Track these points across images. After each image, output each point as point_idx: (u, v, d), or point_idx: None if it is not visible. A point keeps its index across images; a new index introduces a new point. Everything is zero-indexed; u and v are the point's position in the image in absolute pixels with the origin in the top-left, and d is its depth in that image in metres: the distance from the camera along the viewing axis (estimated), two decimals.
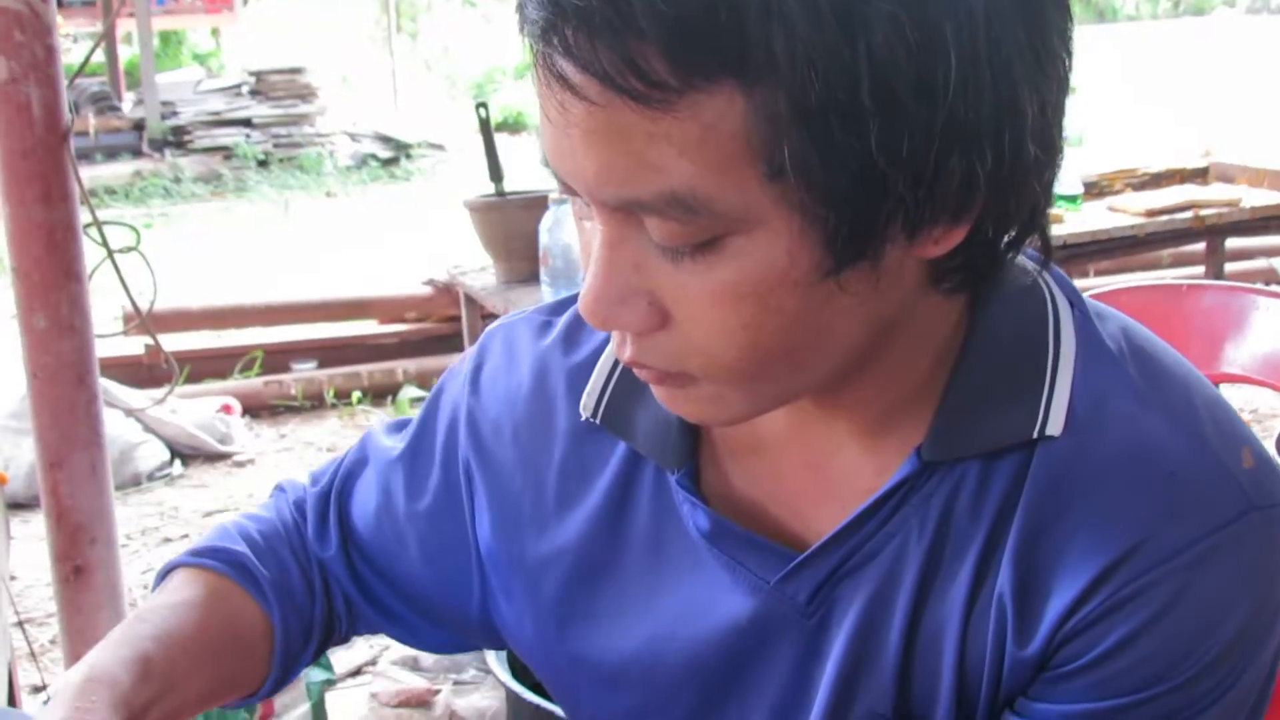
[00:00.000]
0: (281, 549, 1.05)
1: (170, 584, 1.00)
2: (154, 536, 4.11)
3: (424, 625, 1.07)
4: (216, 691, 0.99)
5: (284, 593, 1.02)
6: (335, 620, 1.07)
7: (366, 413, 5.28)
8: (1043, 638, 0.78)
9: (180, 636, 0.94)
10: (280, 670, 1.02)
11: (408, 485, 1.04)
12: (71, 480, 2.50)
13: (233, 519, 1.08)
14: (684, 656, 0.90)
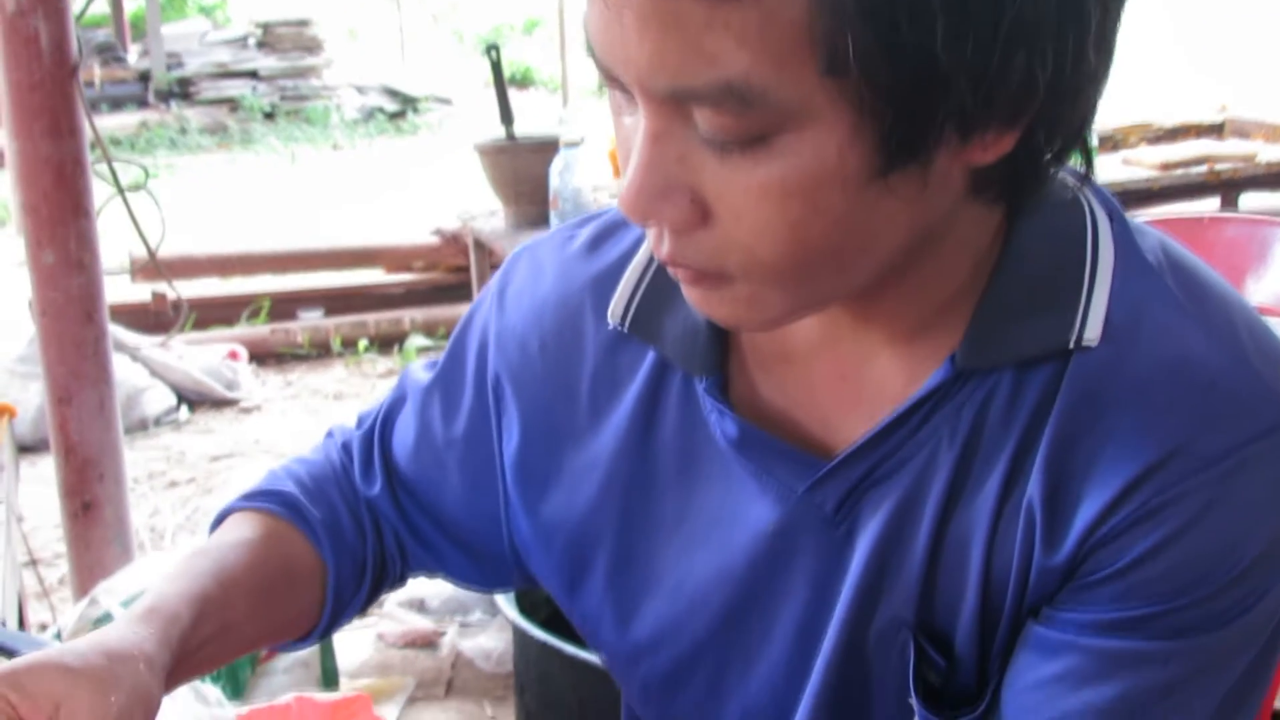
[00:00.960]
0: (331, 490, 1.05)
1: (226, 526, 1.01)
2: (161, 480, 4.11)
3: (468, 561, 1.06)
4: (269, 632, 1.00)
5: (335, 533, 1.02)
6: (388, 561, 1.07)
7: (373, 361, 5.27)
8: (1071, 546, 0.77)
9: (238, 576, 0.94)
10: (333, 612, 1.02)
11: (443, 412, 1.03)
12: (80, 417, 2.50)
13: (282, 464, 1.09)
14: (710, 566, 0.90)
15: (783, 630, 0.88)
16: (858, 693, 0.85)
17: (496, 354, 1.00)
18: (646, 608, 0.93)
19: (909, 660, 0.82)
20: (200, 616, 0.90)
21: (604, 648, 0.98)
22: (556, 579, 0.99)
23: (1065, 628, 0.78)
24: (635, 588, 0.94)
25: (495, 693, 2.82)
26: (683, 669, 0.93)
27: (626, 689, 1.01)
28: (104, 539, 2.55)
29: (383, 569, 1.07)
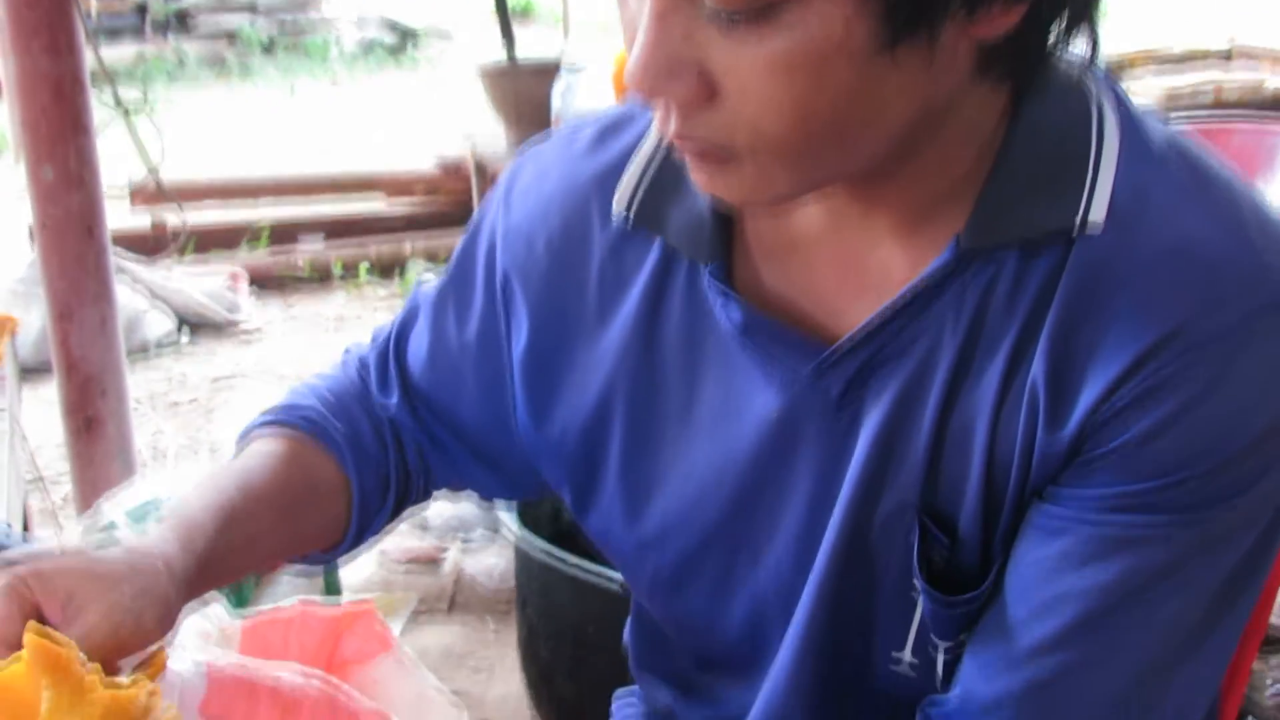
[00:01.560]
0: (352, 406, 1.06)
1: (250, 444, 1.03)
2: (162, 402, 4.12)
3: (488, 472, 1.07)
4: (294, 545, 1.02)
5: (357, 448, 1.04)
6: (411, 475, 1.08)
7: (374, 287, 5.27)
8: (1075, 425, 0.77)
9: (261, 489, 0.97)
10: (359, 526, 1.04)
11: (455, 317, 1.04)
12: (81, 333, 2.50)
13: (303, 381, 1.10)
14: (717, 456, 0.90)
15: (789, 518, 0.88)
16: (863, 577, 0.85)
17: (504, 253, 0.99)
18: (655, 501, 0.94)
19: (914, 543, 0.83)
20: (223, 527, 0.91)
21: (614, 545, 0.99)
22: (568, 480, 0.99)
23: (1068, 506, 0.78)
24: (644, 481, 0.94)
25: (498, 609, 2.84)
26: (692, 561, 0.93)
27: (636, 586, 1.01)
28: (107, 455, 2.56)
29: (406, 483, 1.08)
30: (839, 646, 0.88)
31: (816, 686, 0.89)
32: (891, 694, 0.88)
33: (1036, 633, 0.79)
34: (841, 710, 0.90)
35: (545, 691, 2.22)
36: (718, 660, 0.98)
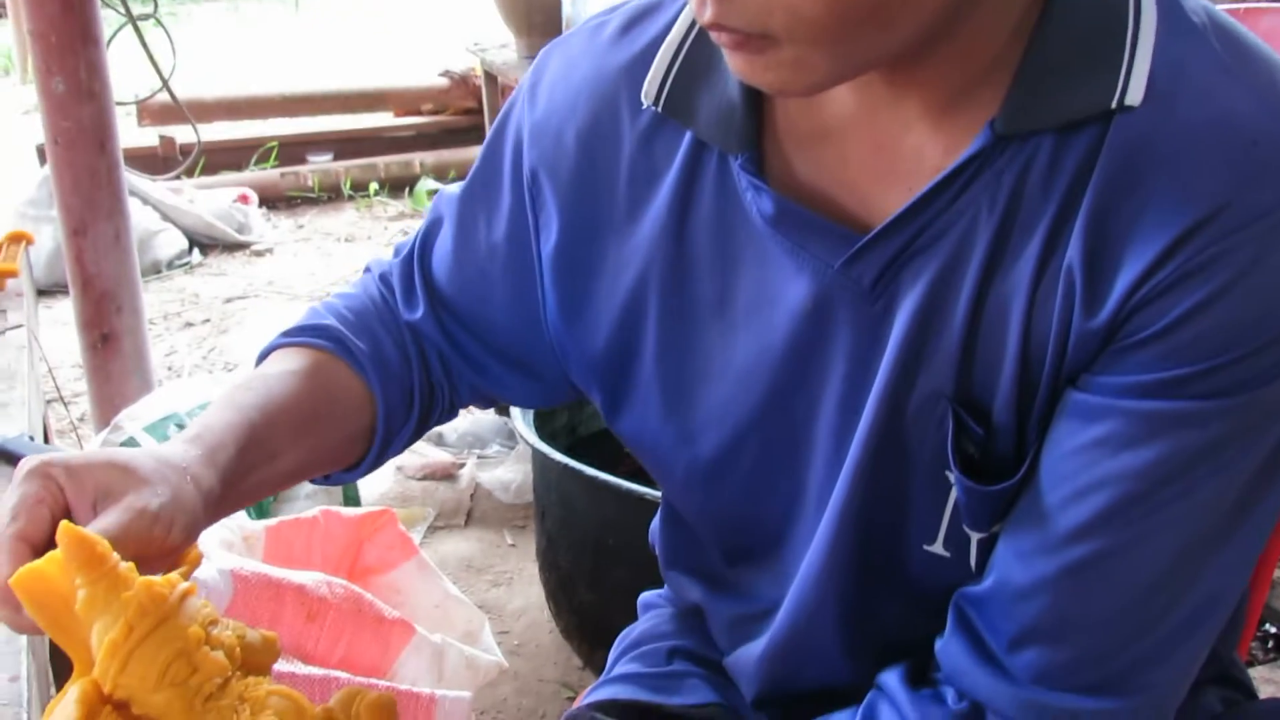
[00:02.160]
0: (372, 322, 1.04)
1: (270, 361, 1.01)
2: (176, 321, 4.12)
3: (517, 378, 1.05)
4: (318, 462, 1.00)
5: (380, 363, 1.02)
6: (436, 389, 1.06)
7: (384, 204, 5.25)
8: (1112, 308, 0.76)
9: (283, 406, 0.95)
10: (383, 440, 1.03)
11: (483, 218, 1.02)
12: (96, 248, 2.50)
13: (322, 300, 1.08)
14: (751, 348, 0.89)
15: (824, 407, 0.88)
16: (896, 466, 0.85)
17: (531, 149, 0.97)
18: (691, 394, 0.93)
19: (947, 432, 0.82)
20: (246, 446, 0.91)
21: (648, 443, 0.98)
22: (600, 380, 0.98)
23: (1105, 392, 0.78)
24: (680, 376, 0.93)
25: (514, 522, 2.86)
26: (728, 454, 0.93)
27: (669, 482, 1.01)
28: (123, 371, 2.56)
29: (431, 398, 1.06)
30: (871, 536, 0.87)
31: (848, 578, 0.89)
32: (924, 584, 0.88)
33: (1073, 518, 0.78)
34: (873, 602, 0.90)
35: (565, 601, 2.24)
36: (749, 554, 0.98)
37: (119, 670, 0.74)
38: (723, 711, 1.06)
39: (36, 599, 0.77)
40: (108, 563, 0.76)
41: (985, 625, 0.83)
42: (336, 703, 0.84)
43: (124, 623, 0.74)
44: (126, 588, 0.75)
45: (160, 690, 0.75)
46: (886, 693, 0.86)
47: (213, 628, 0.79)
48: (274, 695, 0.80)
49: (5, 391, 1.68)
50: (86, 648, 0.77)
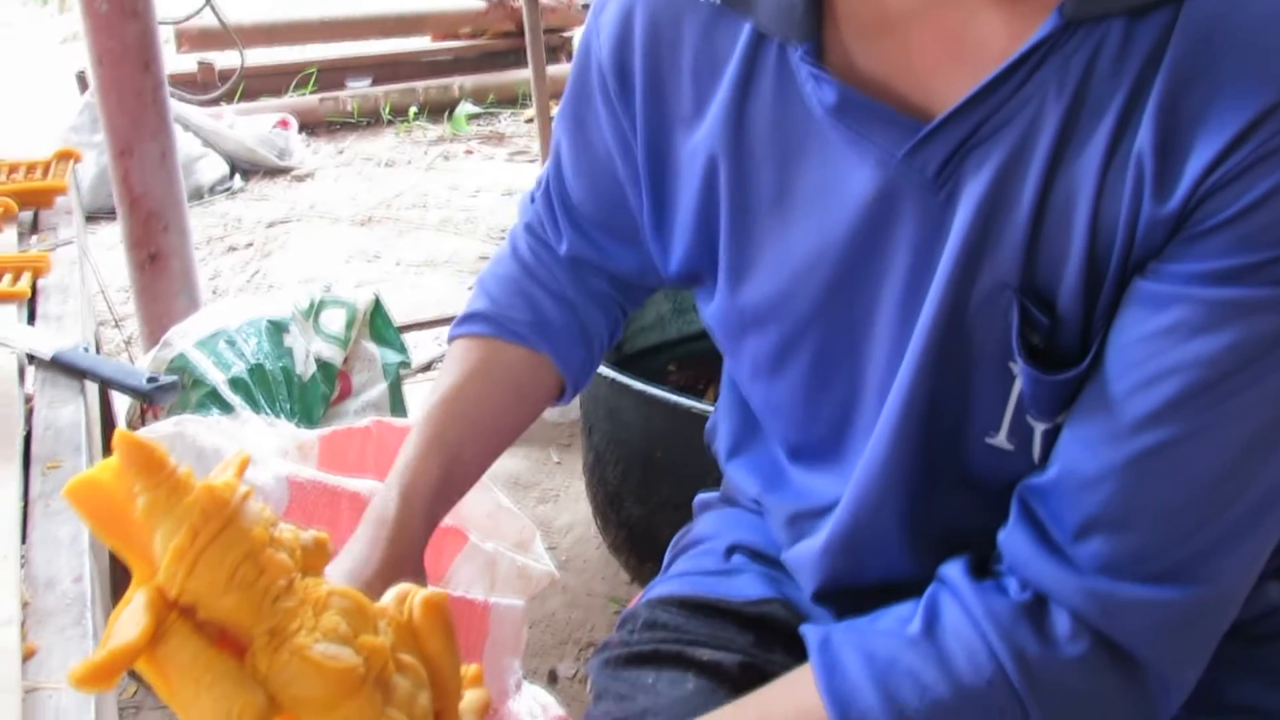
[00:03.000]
0: (528, 287, 1.11)
1: (451, 359, 1.11)
2: (219, 245, 4.14)
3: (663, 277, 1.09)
4: (516, 433, 1.13)
5: (543, 328, 1.10)
6: (608, 315, 1.14)
7: (423, 128, 5.23)
8: (1183, 193, 0.75)
9: (475, 417, 1.07)
10: (573, 385, 1.13)
11: (592, 127, 1.04)
12: (142, 168, 2.49)
13: (480, 273, 1.16)
14: (812, 239, 0.89)
15: (886, 299, 0.87)
16: (959, 358, 0.85)
17: (605, 53, 0.99)
18: (754, 284, 0.94)
19: (1012, 322, 0.81)
20: (447, 465, 1.04)
21: (721, 329, 1.01)
22: (688, 273, 1.01)
23: (1174, 280, 0.76)
24: (744, 266, 0.94)
25: (560, 440, 2.87)
26: (790, 344, 0.94)
27: (737, 371, 1.03)
28: (171, 291, 2.57)
29: (604, 317, 1.13)
30: (933, 430, 0.87)
31: (909, 472, 0.89)
32: (985, 477, 0.88)
33: (1141, 406, 0.78)
34: (934, 495, 0.90)
35: (614, 516, 2.25)
36: (810, 447, 0.99)
37: (186, 575, 0.75)
38: (782, 606, 1.07)
39: (92, 508, 0.77)
40: (166, 468, 0.76)
41: (1049, 515, 0.83)
42: (390, 600, 0.85)
43: (188, 528, 0.75)
44: (187, 493, 0.76)
45: (228, 593, 0.76)
46: (948, 584, 0.86)
47: (273, 529, 0.80)
48: (335, 595, 0.81)
49: (59, 305, 1.69)
50: (147, 555, 0.77)
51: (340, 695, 0.77)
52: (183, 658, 0.76)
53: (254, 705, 0.76)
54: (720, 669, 1.01)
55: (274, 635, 0.78)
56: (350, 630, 0.79)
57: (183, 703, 0.77)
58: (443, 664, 0.84)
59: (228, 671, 0.76)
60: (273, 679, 0.77)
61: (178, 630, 0.76)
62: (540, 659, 2.17)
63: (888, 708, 0.82)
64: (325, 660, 0.77)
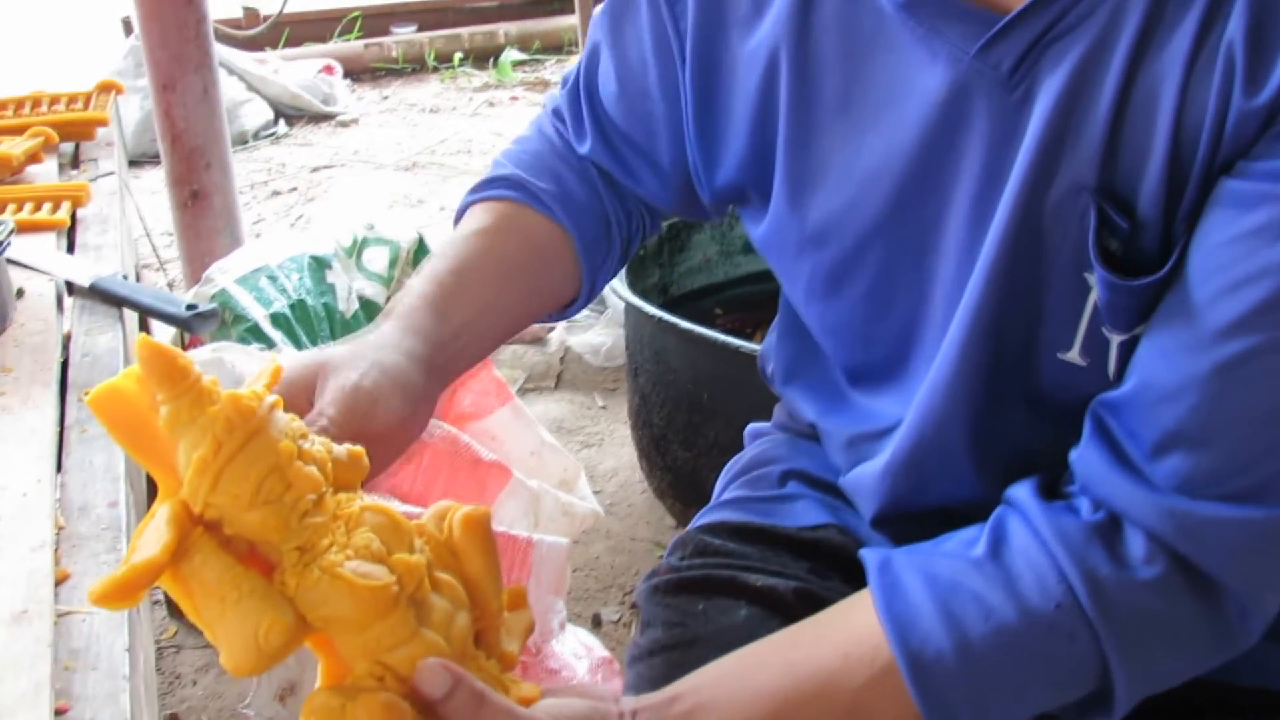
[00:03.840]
0: (553, 162, 1.05)
1: (461, 223, 1.02)
2: (263, 190, 4.12)
3: (685, 197, 1.04)
4: (527, 308, 1.02)
5: (567, 201, 1.03)
6: (630, 214, 1.07)
7: (468, 75, 5.19)
8: (1276, 85, 0.70)
9: (478, 263, 0.97)
10: (589, 276, 1.04)
11: (630, 31, 1.00)
12: (185, 103, 2.47)
13: (502, 149, 1.08)
14: (879, 146, 0.85)
15: (956, 206, 0.83)
16: (1031, 268, 0.80)
17: None
18: (816, 196, 0.90)
19: (1089, 227, 0.76)
20: (444, 309, 0.92)
21: (777, 248, 0.96)
22: (734, 188, 0.97)
23: (1264, 178, 0.71)
24: (805, 177, 0.90)
25: (604, 385, 2.83)
26: (850, 261, 0.89)
27: (793, 290, 0.98)
28: (213, 229, 2.55)
29: (628, 223, 1.07)
30: (1003, 345, 0.83)
31: (977, 390, 0.84)
32: (1057, 395, 0.83)
33: (1225, 312, 0.73)
34: (1002, 414, 0.86)
35: (658, 460, 2.21)
36: (871, 369, 0.94)
37: (210, 489, 0.71)
38: (839, 532, 1.03)
39: (115, 418, 0.74)
40: (189, 377, 0.72)
41: (1125, 431, 0.78)
42: (429, 518, 0.81)
43: (212, 439, 0.71)
44: (212, 403, 0.72)
45: (254, 509, 0.72)
46: (1016, 506, 0.82)
47: (302, 442, 0.76)
48: (368, 511, 0.77)
49: (98, 235, 1.67)
50: (171, 468, 0.74)
51: (372, 615, 0.73)
52: (208, 575, 0.72)
53: (282, 624, 0.72)
54: (774, 595, 0.97)
55: (303, 552, 0.74)
56: (384, 547, 0.75)
57: (208, 621, 0.73)
58: (483, 584, 0.80)
59: (255, 589, 0.72)
60: (302, 598, 0.73)
61: (202, 546, 0.72)
62: (584, 604, 2.14)
63: (950, 631, 0.77)
64: (356, 579, 0.73)
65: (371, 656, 0.75)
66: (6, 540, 1.09)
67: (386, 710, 0.72)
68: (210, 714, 1.89)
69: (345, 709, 0.73)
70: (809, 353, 1.02)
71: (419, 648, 0.75)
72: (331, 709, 0.73)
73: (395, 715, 0.72)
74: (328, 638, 0.76)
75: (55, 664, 1.00)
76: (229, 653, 0.72)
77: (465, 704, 0.74)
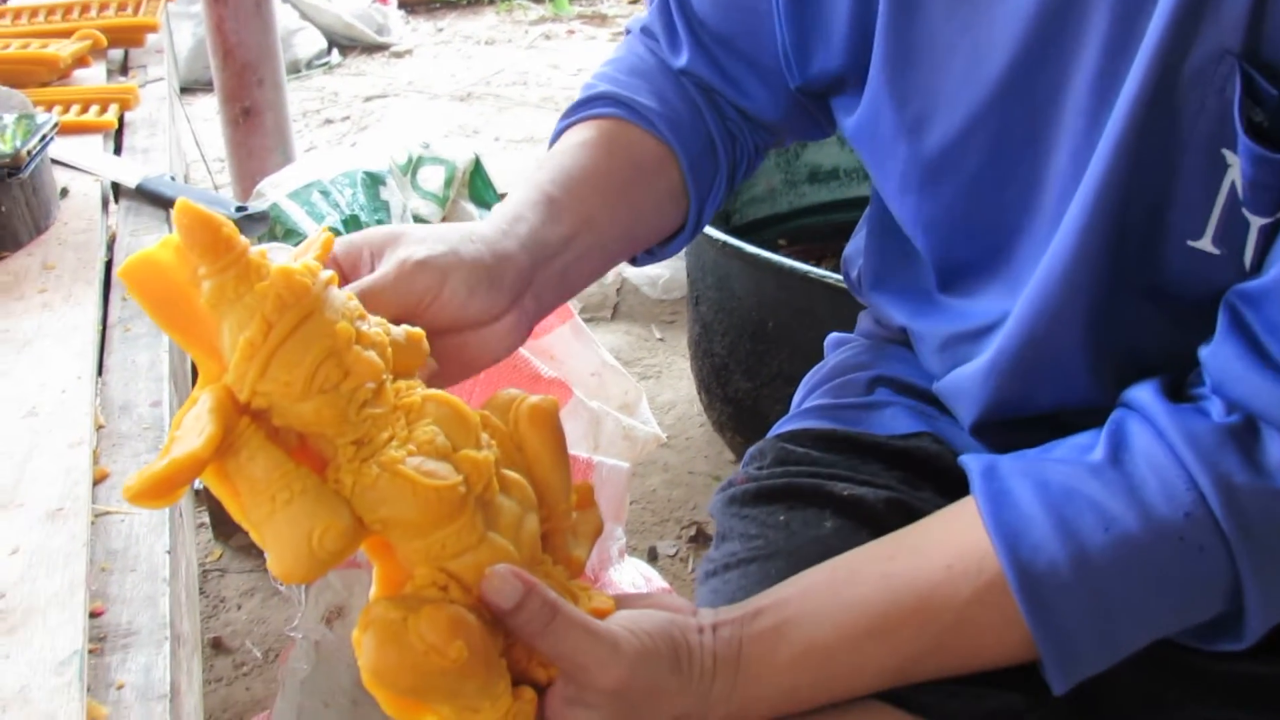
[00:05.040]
0: (652, 77, 0.96)
1: (558, 142, 0.94)
2: (315, 119, 4.06)
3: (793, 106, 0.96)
4: (633, 230, 0.92)
5: (670, 117, 0.94)
6: (735, 135, 0.98)
7: (524, 8, 5.10)
8: None
9: (583, 175, 0.89)
10: (696, 199, 0.95)
11: None
12: (237, 17, 2.40)
13: (593, 70, 1.00)
14: (988, 20, 0.77)
15: (1078, 78, 0.74)
16: (1163, 145, 0.71)
17: None
18: (918, 78, 0.82)
19: (1232, 97, 0.68)
20: (548, 218, 0.84)
21: (871, 138, 0.88)
22: (827, 65, 0.89)
23: None
24: (906, 57, 0.83)
25: (662, 317, 2.76)
26: (956, 145, 0.82)
27: (887, 183, 0.90)
28: (265, 147, 2.48)
29: (734, 144, 0.98)
30: (1127, 232, 0.74)
31: (1096, 281, 0.76)
32: (1185, 288, 0.75)
33: None
34: (1123, 309, 0.77)
35: (719, 391, 2.13)
36: (970, 263, 0.86)
37: (258, 375, 0.63)
38: (932, 441, 0.94)
39: (150, 292, 0.65)
40: (235, 248, 0.63)
41: (1265, 325, 0.69)
42: (493, 408, 0.74)
43: (261, 319, 0.63)
44: (260, 278, 0.64)
45: (307, 398, 0.64)
46: (1137, 408, 0.73)
47: (361, 323, 0.68)
48: (431, 402, 0.69)
49: (146, 138, 1.61)
50: (213, 351, 0.66)
51: (437, 518, 0.66)
52: (255, 471, 0.64)
53: (337, 527, 0.64)
54: (863, 506, 0.89)
55: (360, 447, 0.66)
56: (448, 442, 0.68)
57: (255, 523, 0.65)
58: (552, 482, 0.73)
59: (307, 488, 0.64)
60: (359, 498, 0.65)
61: (249, 439, 0.64)
62: (640, 536, 2.08)
63: (1065, 542, 0.69)
64: (420, 477, 0.65)
65: (434, 563, 0.67)
66: (44, 436, 1.04)
67: (452, 624, 0.65)
68: (255, 638, 1.85)
69: (407, 622, 0.65)
70: (900, 252, 0.94)
71: (486, 554, 0.67)
72: (391, 622, 0.66)
73: (462, 630, 0.65)
74: (386, 542, 0.68)
75: (91, 565, 0.95)
76: (278, 558, 0.65)
77: (537, 616, 0.67)
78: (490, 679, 0.67)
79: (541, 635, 0.67)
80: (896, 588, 0.73)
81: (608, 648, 0.68)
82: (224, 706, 1.72)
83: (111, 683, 0.88)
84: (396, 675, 0.65)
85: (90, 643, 0.90)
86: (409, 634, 0.65)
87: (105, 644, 0.91)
